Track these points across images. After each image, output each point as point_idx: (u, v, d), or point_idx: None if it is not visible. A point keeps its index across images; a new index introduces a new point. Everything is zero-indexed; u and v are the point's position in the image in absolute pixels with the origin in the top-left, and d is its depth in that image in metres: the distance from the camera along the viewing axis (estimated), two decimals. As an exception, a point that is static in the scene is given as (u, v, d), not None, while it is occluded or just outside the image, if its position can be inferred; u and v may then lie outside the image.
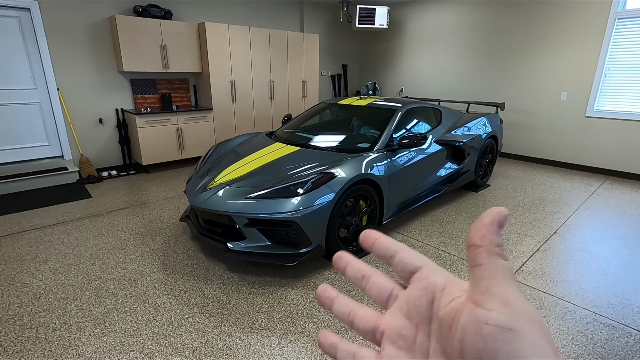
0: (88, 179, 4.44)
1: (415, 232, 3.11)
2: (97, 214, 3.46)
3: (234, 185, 2.50)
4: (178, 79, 5.27)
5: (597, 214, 3.53)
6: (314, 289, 2.28)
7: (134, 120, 4.58)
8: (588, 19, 4.63)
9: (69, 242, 2.89)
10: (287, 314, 2.05)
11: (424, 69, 6.61)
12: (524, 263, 2.61)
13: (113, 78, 4.71)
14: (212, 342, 1.83)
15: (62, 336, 1.87)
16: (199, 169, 3.00)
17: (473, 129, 3.89)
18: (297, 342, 1.83)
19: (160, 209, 3.60)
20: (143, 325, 1.95)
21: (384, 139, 2.94)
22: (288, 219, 2.21)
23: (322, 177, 2.36)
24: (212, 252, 2.74)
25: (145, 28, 4.52)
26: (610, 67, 4.59)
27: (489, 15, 5.56)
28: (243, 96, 5.52)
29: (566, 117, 5.06)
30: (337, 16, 7.04)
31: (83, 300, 2.16)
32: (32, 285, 2.31)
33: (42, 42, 4.14)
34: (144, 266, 2.53)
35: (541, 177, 4.73)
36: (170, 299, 2.17)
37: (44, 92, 4.33)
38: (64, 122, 4.47)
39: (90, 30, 4.41)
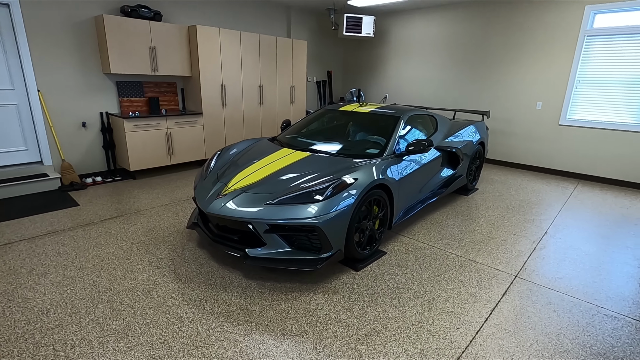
0: (71, 186, 4.19)
1: (420, 235, 3.22)
2: (90, 223, 3.28)
3: (250, 191, 2.48)
4: (166, 82, 5.11)
5: (578, 214, 3.82)
6: (336, 294, 2.30)
7: (121, 124, 4.39)
8: (560, 35, 5.02)
9: (65, 253, 2.72)
10: (316, 319, 2.06)
11: (408, 77, 6.85)
12: (525, 262, 2.78)
13: (98, 80, 4.50)
14: (246, 351, 1.80)
15: (83, 352, 1.76)
16: (205, 175, 2.94)
17: (465, 135, 4.09)
18: (332, 347, 1.85)
19: (157, 216, 3.47)
20: (170, 337, 1.88)
21: (391, 145, 3.03)
22: (311, 224, 2.23)
23: (340, 183, 2.39)
24: (225, 259, 2.68)
25: (134, 29, 4.37)
26: (581, 79, 5.00)
27: (469, 28, 5.87)
28: (233, 101, 5.45)
29: (541, 125, 5.43)
30: (322, 23, 7.14)
31: (98, 314, 2.05)
32: (36, 300, 2.16)
33: (21, 41, 3.88)
34: (155, 276, 2.44)
35: (521, 181, 5.04)
36: (192, 309, 2.11)
37: (22, 93, 4.05)
38: (44, 126, 4.20)
39: (74, 29, 4.19)
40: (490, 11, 5.61)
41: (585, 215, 3.80)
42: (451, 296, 2.31)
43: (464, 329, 2.01)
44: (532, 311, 2.19)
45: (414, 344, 1.88)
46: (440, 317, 2.11)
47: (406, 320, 2.06)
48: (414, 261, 2.75)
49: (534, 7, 5.19)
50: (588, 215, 3.80)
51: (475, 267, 2.69)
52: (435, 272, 2.60)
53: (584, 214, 3.83)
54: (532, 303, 2.27)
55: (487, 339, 1.93)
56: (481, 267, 2.69)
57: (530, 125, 5.55)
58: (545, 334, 1.98)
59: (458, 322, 2.06)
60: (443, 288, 2.40)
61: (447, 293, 2.35)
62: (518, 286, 2.45)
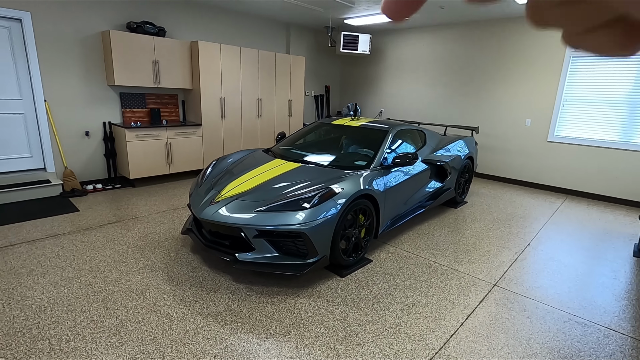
0: (72, 192, 4.34)
1: (406, 244, 3.34)
2: (89, 228, 3.41)
3: (242, 198, 2.61)
4: (167, 94, 5.31)
5: (563, 228, 3.94)
6: (321, 297, 2.41)
7: (123, 134, 4.56)
8: (547, 56, 5.23)
9: (64, 256, 2.84)
10: (299, 320, 2.17)
11: (402, 93, 7.06)
12: (505, 272, 2.89)
13: (102, 91, 4.69)
14: (231, 348, 1.91)
15: (77, 347, 1.87)
16: (200, 183, 3.08)
17: (453, 150, 4.24)
18: (312, 346, 1.95)
19: (154, 222, 3.60)
20: (159, 334, 1.99)
21: (379, 157, 3.18)
22: (298, 230, 2.35)
23: (327, 192, 2.53)
24: (217, 263, 2.80)
25: (139, 44, 4.59)
26: (567, 98, 5.18)
27: (461, 47, 6.11)
28: (232, 113, 5.64)
29: (531, 141, 5.60)
30: (320, 40, 7.40)
31: (92, 312, 2.16)
32: (34, 298, 2.27)
33: (31, 53, 4.09)
34: (149, 278, 2.56)
35: (510, 195, 5.17)
36: (182, 309, 2.22)
37: (30, 103, 4.24)
38: (49, 134, 4.37)
39: (81, 43, 4.41)
40: (480, 31, 5.84)
41: (569, 229, 3.91)
42: (430, 302, 2.42)
43: (440, 332, 2.11)
44: (506, 317, 2.29)
45: (391, 345, 1.99)
46: (418, 321, 2.21)
47: (385, 324, 2.17)
48: (398, 269, 2.86)
49: (523, 28, 5.42)
50: (572, 229, 3.91)
51: (457, 275, 2.80)
52: (418, 279, 2.71)
53: (568, 228, 3.95)
54: (507, 310, 2.37)
55: (461, 342, 2.03)
56: (462, 275, 2.80)
57: (519, 141, 5.71)
58: (517, 339, 2.09)
59: (434, 326, 2.16)
60: (423, 294, 2.51)
61: (427, 299, 2.45)
62: (496, 294, 2.56)
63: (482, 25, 5.82)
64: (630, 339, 2.14)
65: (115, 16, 4.61)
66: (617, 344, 2.08)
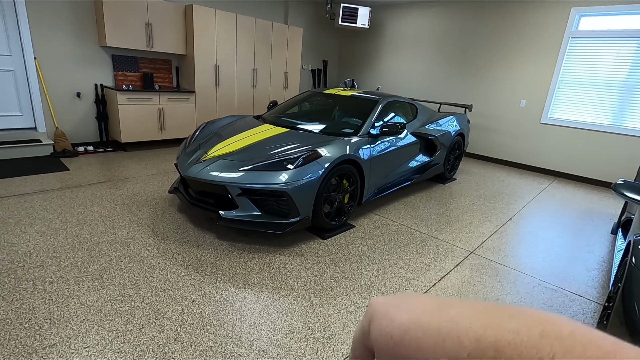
0: (63, 153, 4.35)
1: (390, 214, 3.40)
2: (78, 186, 3.44)
3: (227, 158, 2.64)
4: (161, 59, 5.24)
5: (546, 206, 4.01)
6: (301, 256, 2.48)
7: (114, 97, 4.53)
8: (546, 35, 5.17)
9: (52, 209, 2.88)
10: (277, 274, 2.24)
11: (400, 70, 6.99)
12: (483, 241, 2.97)
13: (94, 52, 4.63)
14: (209, 295, 1.98)
15: (60, 288, 1.94)
16: (188, 144, 3.10)
17: (444, 125, 4.25)
18: (287, 297, 2.03)
19: (143, 184, 3.63)
20: (141, 280, 2.06)
21: (366, 125, 3.20)
22: (280, 189, 2.40)
23: (312, 154, 2.56)
24: (202, 221, 2.86)
25: (132, 4, 4.49)
26: (563, 79, 5.16)
27: (459, 25, 6.01)
28: (226, 81, 5.59)
29: (524, 123, 5.60)
30: (320, 12, 7.25)
31: (77, 259, 2.22)
32: (20, 245, 2.33)
33: (20, 8, 4.01)
34: (134, 232, 2.61)
35: (500, 175, 5.22)
36: (164, 260, 2.28)
37: (19, 60, 4.19)
38: (40, 93, 4.34)
39: (73, 1, 4.31)
40: (480, 9, 5.74)
41: (552, 207, 3.98)
42: (407, 265, 2.50)
43: (412, 290, 2.19)
44: (478, 281, 2.37)
45: (363, 299, 2.07)
46: (393, 280, 2.29)
47: (360, 281, 2.25)
48: (380, 235, 2.93)
49: (523, 6, 5.33)
50: (555, 208, 3.99)
51: (436, 242, 2.87)
52: (397, 244, 2.79)
53: (551, 206, 4.02)
54: (480, 274, 2.45)
55: (431, 299, 2.12)
56: (441, 243, 2.87)
57: (513, 122, 5.72)
58: (485, 298, 2.17)
59: (407, 285, 2.25)
60: (401, 257, 2.59)
61: (404, 262, 2.53)
62: (471, 260, 2.64)
63: (482, 3, 5.71)
64: (594, 303, 2.24)
65: (107, -26, 4.49)
66: (580, 307, 2.18)
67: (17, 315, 1.71)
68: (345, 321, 1.87)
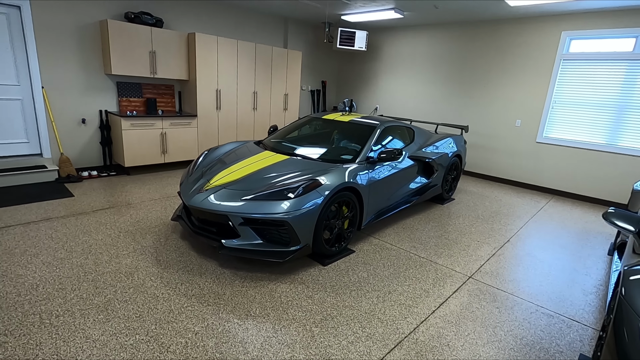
0: (68, 178, 4.43)
1: (389, 237, 3.45)
2: (82, 212, 3.51)
3: (229, 187, 2.71)
4: (164, 84, 5.39)
5: (543, 226, 4.06)
6: (302, 284, 2.52)
7: (118, 122, 4.64)
8: (539, 58, 5.32)
9: (57, 238, 2.94)
10: (279, 304, 2.28)
11: (398, 90, 7.14)
12: (481, 265, 3.01)
13: (99, 80, 4.77)
14: (212, 327, 2.02)
15: (66, 321, 1.98)
16: (191, 172, 3.18)
17: (441, 147, 4.35)
18: (289, 327, 2.07)
19: (146, 209, 3.70)
20: (145, 312, 2.10)
21: (364, 152, 3.28)
22: (281, 219, 2.46)
23: (311, 183, 2.63)
24: (204, 249, 2.91)
25: (136, 34, 4.65)
26: (557, 100, 5.28)
27: (455, 47, 6.18)
28: (227, 105, 5.72)
29: (520, 142, 5.70)
30: (318, 36, 7.46)
31: (82, 291, 2.27)
32: (27, 276, 2.38)
33: (29, 40, 4.16)
34: (138, 261, 2.66)
35: (498, 194, 5.29)
36: (168, 291, 2.33)
37: (27, 89, 4.31)
38: (46, 120, 4.45)
39: (80, 31, 4.48)
40: (475, 32, 5.92)
41: (549, 228, 4.03)
42: (406, 291, 2.54)
43: (411, 318, 2.23)
44: (476, 307, 2.41)
45: (363, 328, 2.11)
46: (392, 307, 2.33)
47: (360, 309, 2.29)
48: (379, 260, 2.98)
49: (515, 30, 5.50)
50: (552, 228, 4.04)
51: (434, 267, 2.91)
52: (397, 270, 2.83)
53: (548, 226, 4.07)
54: (479, 300, 2.49)
55: (430, 327, 2.15)
56: (440, 267, 2.92)
57: (509, 141, 5.82)
58: (483, 326, 2.21)
59: (407, 313, 2.28)
60: (400, 284, 2.63)
61: (403, 288, 2.57)
62: (470, 285, 2.68)
63: (476, 26, 5.89)
64: (591, 329, 2.27)
65: (113, 6, 4.67)
66: (577, 334, 2.21)
67: (25, 351, 1.75)
68: (346, 352, 1.91)
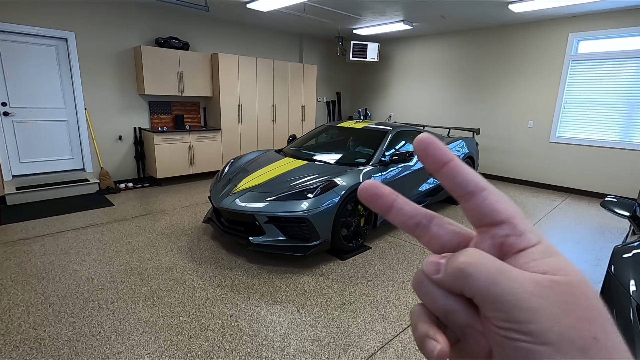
0: (107, 190, 4.86)
1: (404, 235, 3.65)
2: (123, 219, 3.89)
3: (254, 190, 3.01)
4: (190, 101, 5.83)
5: (557, 223, 4.15)
6: (322, 276, 2.76)
7: (151, 138, 5.08)
8: (548, 60, 5.45)
9: (104, 240, 3.31)
10: (302, 292, 2.53)
11: (410, 97, 7.36)
12: (493, 258, 3.16)
13: (133, 100, 5.24)
14: (244, 310, 2.28)
15: (120, 306, 2.29)
16: (219, 179, 3.50)
17: (452, 149, 4.50)
18: (312, 311, 2.31)
19: (179, 215, 4.05)
20: (185, 299, 2.40)
21: (377, 155, 3.53)
22: (302, 216, 2.72)
23: (328, 184, 2.89)
24: (233, 248, 3.20)
25: (166, 57, 5.11)
26: (568, 100, 5.37)
27: (465, 53, 6.38)
28: (248, 118, 6.11)
29: (533, 142, 5.79)
30: (332, 49, 7.82)
31: (130, 282, 2.59)
32: (83, 272, 2.73)
33: (74, 67, 4.67)
34: (175, 258, 2.98)
35: (512, 194, 5.38)
36: (203, 282, 2.62)
37: (72, 111, 4.82)
38: (88, 138, 4.93)
39: (116, 57, 4.98)
40: (483, 38, 6.11)
41: (563, 224, 4.12)
42: (419, 281, 2.73)
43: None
44: (486, 294, 2.57)
45: (379, 312, 2.32)
46: (406, 295, 2.53)
47: (377, 296, 2.50)
48: (394, 255, 3.18)
49: (523, 34, 5.66)
50: (566, 224, 4.12)
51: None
52: (411, 262, 3.03)
53: (562, 223, 4.15)
54: (489, 288, 2.65)
55: (441, 311, 2.34)
56: (452, 261, 3.09)
57: (522, 142, 5.91)
58: (492, 310, 2.37)
59: (420, 299, 2.48)
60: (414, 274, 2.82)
61: (417, 278, 2.76)
62: (480, 276, 2.84)
63: (484, 33, 6.08)
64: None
65: (145, 33, 5.17)
66: (583, 316, 2.34)
67: (89, 329, 2.07)
68: (363, 331, 2.12)
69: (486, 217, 0.21)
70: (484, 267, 0.19)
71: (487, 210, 0.21)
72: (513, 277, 0.19)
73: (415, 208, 0.24)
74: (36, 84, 4.50)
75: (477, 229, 0.22)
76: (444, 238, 0.23)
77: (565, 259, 0.20)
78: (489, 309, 0.19)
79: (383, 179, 3.36)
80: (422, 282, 0.22)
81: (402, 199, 0.24)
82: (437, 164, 0.22)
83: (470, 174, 0.22)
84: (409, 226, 0.24)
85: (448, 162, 0.22)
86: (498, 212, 0.21)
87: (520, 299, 0.18)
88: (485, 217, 0.21)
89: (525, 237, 0.21)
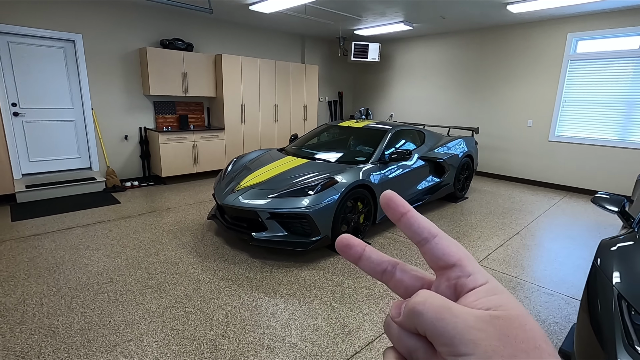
0: (113, 188, 4.98)
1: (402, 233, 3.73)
2: (130, 216, 4.00)
3: (257, 187, 3.11)
4: (194, 102, 5.94)
5: (555, 220, 4.22)
6: (323, 270, 2.86)
7: (156, 137, 5.19)
8: (547, 59, 5.51)
9: (112, 236, 3.42)
10: (303, 285, 2.62)
11: (411, 97, 7.44)
12: (489, 254, 3.24)
13: (139, 100, 5.36)
14: (247, 302, 2.38)
15: (129, 298, 2.40)
16: (223, 177, 3.60)
17: (452, 148, 4.60)
18: (312, 303, 2.40)
19: (183, 212, 4.16)
20: (190, 291, 2.50)
21: (377, 153, 3.61)
22: (303, 212, 2.82)
23: (329, 181, 2.99)
24: (236, 243, 3.30)
25: (170, 58, 5.22)
26: (567, 99, 5.43)
27: (465, 53, 6.45)
28: (251, 118, 6.21)
29: (533, 141, 5.85)
30: (334, 50, 7.91)
31: (138, 276, 2.69)
32: (92, 266, 2.84)
33: (82, 69, 4.79)
34: (181, 253, 3.08)
35: (512, 192, 5.44)
36: (208, 275, 2.72)
37: (80, 111, 4.94)
38: (95, 138, 5.05)
39: (122, 59, 5.09)
40: (483, 38, 6.17)
41: (560, 221, 4.19)
42: (417, 275, 2.81)
43: (420, 296, 2.51)
44: (481, 287, 2.65)
45: (377, 304, 2.41)
46: (403, 288, 2.61)
47: (375, 289, 2.59)
48: (393, 250, 3.27)
49: (521, 34, 5.72)
50: (563, 221, 4.19)
51: (444, 256, 3.17)
52: (408, 258, 3.11)
53: (559, 220, 4.22)
54: (484, 282, 2.73)
55: (437, 304, 2.43)
56: (449, 256, 3.17)
57: (522, 141, 5.97)
58: (486, 302, 2.45)
59: (416, 292, 2.56)
60: (411, 269, 2.90)
61: (414, 273, 2.85)
62: (476, 271, 2.92)
63: (483, 33, 6.15)
64: (589, 305, 2.46)
65: (150, 34, 5.28)
66: (574, 309, 2.42)
67: (100, 319, 2.17)
68: (361, 322, 2.21)
69: (440, 260, 0.24)
70: (432, 306, 0.21)
71: (440, 254, 0.24)
72: (456, 313, 0.20)
73: (381, 256, 0.27)
74: (45, 85, 4.63)
75: (435, 273, 0.25)
76: (407, 282, 0.26)
77: (508, 296, 0.22)
78: (438, 344, 0.20)
79: (382, 177, 3.45)
80: (389, 325, 0.24)
81: (370, 248, 0.27)
82: (397, 214, 0.25)
83: (423, 223, 0.25)
84: (377, 272, 0.27)
85: (405, 213, 0.25)
86: (449, 256, 0.24)
87: (462, 332, 0.20)
88: (439, 260, 0.24)
89: (474, 277, 0.23)
